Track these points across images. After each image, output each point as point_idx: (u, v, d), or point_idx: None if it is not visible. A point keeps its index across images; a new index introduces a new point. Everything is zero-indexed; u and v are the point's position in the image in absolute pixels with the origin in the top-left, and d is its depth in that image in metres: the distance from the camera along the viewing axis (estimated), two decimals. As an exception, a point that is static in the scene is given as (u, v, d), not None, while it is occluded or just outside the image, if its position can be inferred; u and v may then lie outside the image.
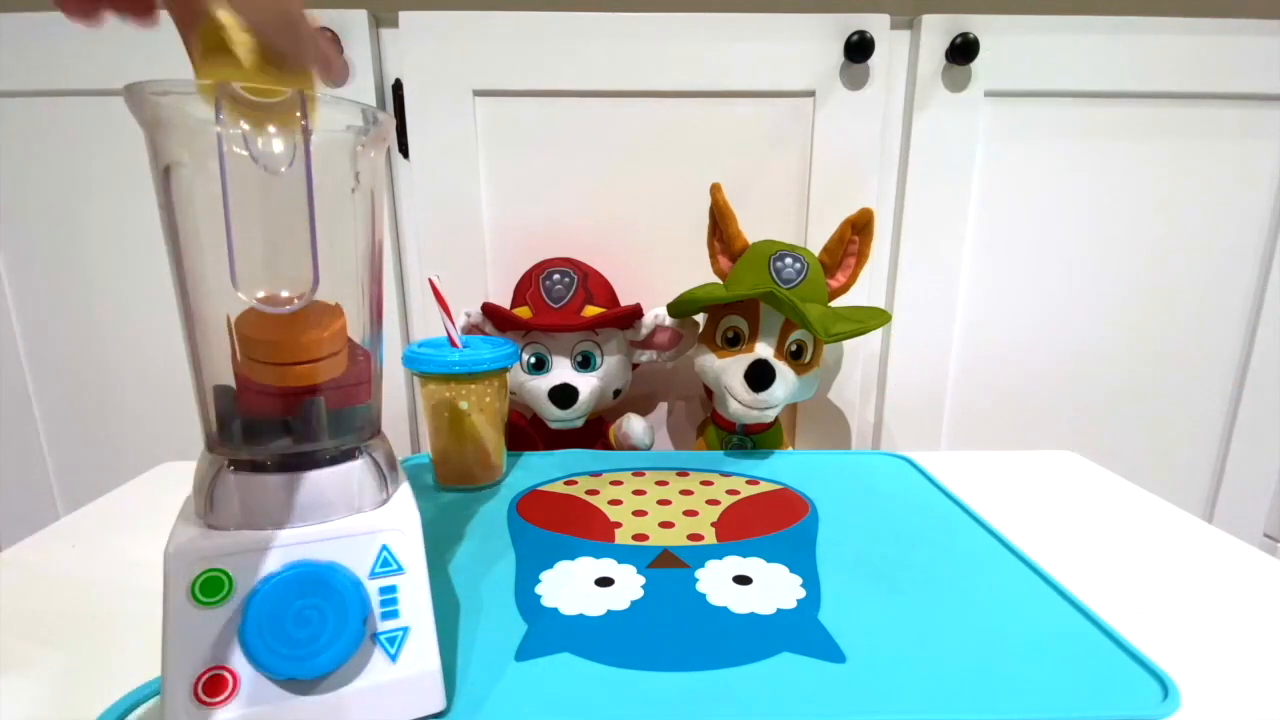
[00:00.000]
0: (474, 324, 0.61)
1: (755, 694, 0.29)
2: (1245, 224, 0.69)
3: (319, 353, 0.26)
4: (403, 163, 0.66)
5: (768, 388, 0.54)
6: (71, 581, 0.38)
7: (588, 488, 0.52)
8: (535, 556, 0.41)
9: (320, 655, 0.25)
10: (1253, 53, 0.65)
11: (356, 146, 0.28)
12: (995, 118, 0.66)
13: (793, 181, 0.67)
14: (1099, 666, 0.31)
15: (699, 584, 0.38)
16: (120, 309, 0.69)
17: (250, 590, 0.25)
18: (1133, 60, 0.65)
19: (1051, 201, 0.69)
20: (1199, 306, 0.71)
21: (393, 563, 0.27)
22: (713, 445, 0.62)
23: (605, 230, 0.68)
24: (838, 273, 0.60)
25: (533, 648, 0.32)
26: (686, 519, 0.46)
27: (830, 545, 0.43)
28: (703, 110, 0.65)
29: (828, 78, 0.64)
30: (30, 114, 0.64)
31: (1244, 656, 0.32)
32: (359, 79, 0.63)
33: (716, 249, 0.62)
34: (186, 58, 0.24)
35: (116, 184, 0.66)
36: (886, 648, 0.32)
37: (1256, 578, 0.40)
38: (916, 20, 0.64)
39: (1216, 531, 0.46)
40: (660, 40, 0.63)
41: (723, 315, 0.59)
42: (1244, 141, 0.67)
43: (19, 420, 0.72)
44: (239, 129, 0.24)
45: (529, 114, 0.65)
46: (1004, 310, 0.71)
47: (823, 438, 0.74)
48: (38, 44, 0.62)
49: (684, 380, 0.73)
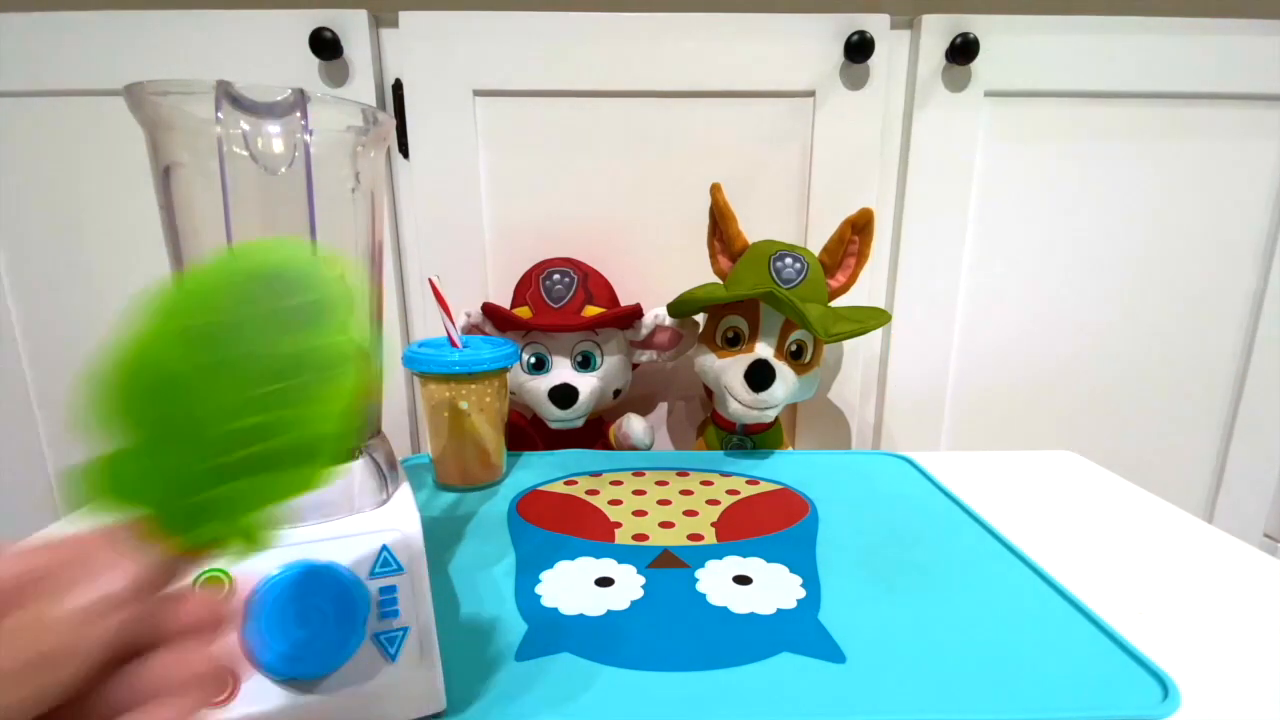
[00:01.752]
0: (474, 324, 0.61)
1: (755, 694, 0.29)
2: (1245, 224, 0.69)
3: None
4: (403, 163, 0.66)
5: (768, 388, 0.54)
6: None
7: (588, 488, 0.52)
8: (535, 556, 0.41)
9: (320, 655, 0.25)
10: (1253, 53, 0.65)
11: (356, 146, 0.28)
12: (995, 118, 0.66)
13: (793, 182, 0.67)
14: (1099, 666, 0.31)
15: (699, 584, 0.38)
16: (120, 309, 0.69)
17: (250, 590, 0.25)
18: (1133, 60, 0.65)
19: (1051, 201, 0.69)
20: (1199, 306, 0.71)
21: (393, 563, 0.27)
22: (713, 445, 0.62)
23: (605, 230, 0.68)
24: (838, 273, 0.60)
25: (533, 648, 0.32)
26: (686, 519, 0.46)
27: (830, 545, 0.43)
28: (703, 110, 0.65)
29: (828, 78, 0.64)
30: (30, 114, 0.64)
31: (1244, 656, 0.32)
32: (359, 79, 0.63)
33: (716, 249, 0.62)
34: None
35: (116, 184, 0.66)
36: (886, 648, 0.32)
37: (1256, 578, 0.40)
38: (916, 20, 0.64)
39: (1216, 531, 0.46)
40: (660, 40, 0.63)
41: (723, 315, 0.59)
42: (1244, 141, 0.67)
43: (19, 420, 0.72)
44: (239, 129, 0.24)
45: (529, 114, 0.65)
46: (1004, 310, 0.71)
47: (823, 438, 0.74)
48: (38, 44, 0.62)
49: (684, 380, 0.73)
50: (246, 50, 0.62)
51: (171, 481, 0.19)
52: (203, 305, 0.19)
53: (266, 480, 0.20)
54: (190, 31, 0.61)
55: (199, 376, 0.19)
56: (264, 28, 0.61)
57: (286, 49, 0.62)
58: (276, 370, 0.19)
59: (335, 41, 0.61)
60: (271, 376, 0.19)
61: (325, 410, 0.20)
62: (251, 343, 0.19)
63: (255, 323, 0.19)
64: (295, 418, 0.19)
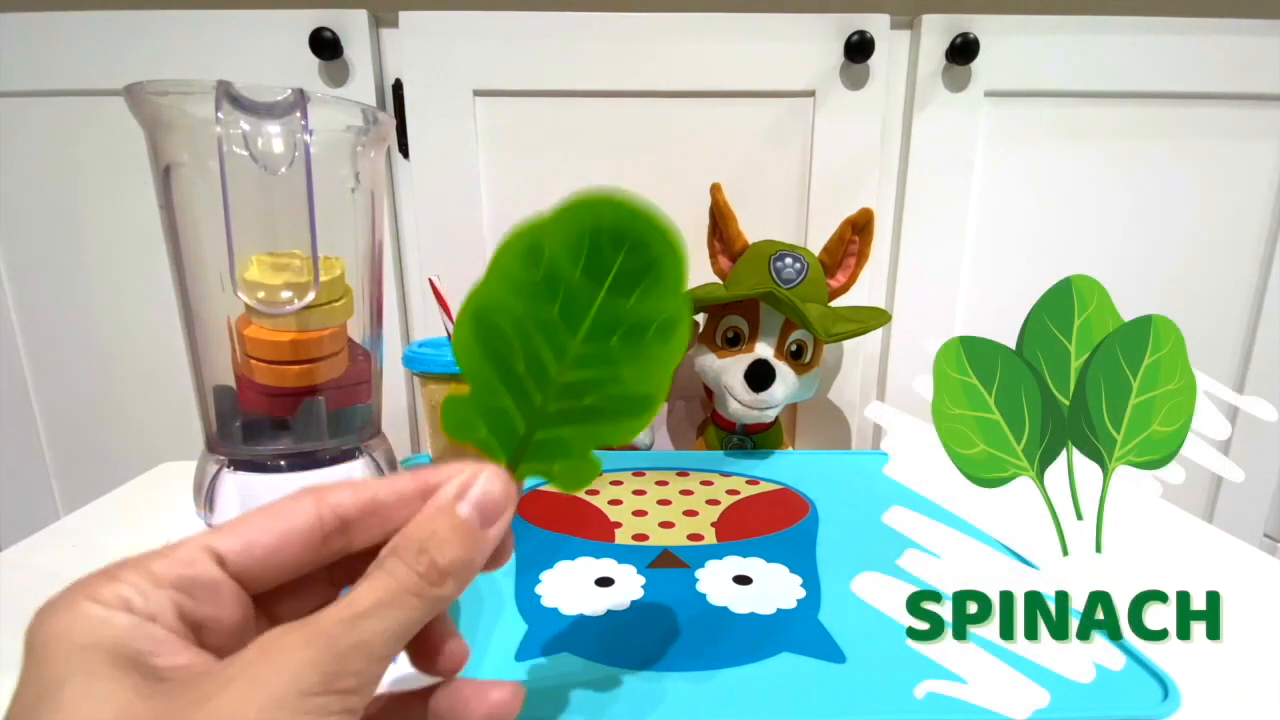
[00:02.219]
0: (474, 324, 0.61)
1: (755, 694, 0.29)
2: (1245, 224, 0.69)
3: (319, 353, 0.26)
4: (403, 163, 0.66)
5: (768, 388, 0.54)
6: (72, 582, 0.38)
7: (588, 488, 0.52)
8: (535, 556, 0.41)
9: (320, 655, 0.25)
10: (1253, 53, 0.64)
11: (356, 146, 0.28)
12: (995, 118, 0.66)
13: (793, 181, 0.67)
14: (1099, 666, 0.31)
15: (699, 584, 0.38)
16: (120, 309, 0.69)
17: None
18: (1133, 60, 0.65)
19: (1051, 201, 0.69)
20: (1199, 306, 0.71)
21: (393, 563, 0.27)
22: (713, 445, 0.62)
23: (605, 230, 0.68)
24: (838, 273, 0.60)
25: (533, 648, 0.32)
26: (686, 519, 0.46)
27: (830, 545, 0.43)
28: (703, 110, 0.65)
29: (828, 78, 0.64)
30: (30, 114, 0.64)
31: (1244, 656, 0.32)
32: (359, 79, 0.63)
33: (716, 249, 0.62)
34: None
35: (116, 184, 0.66)
36: (886, 648, 0.32)
37: (1256, 578, 0.40)
38: (916, 20, 0.64)
39: (1216, 531, 0.46)
40: (660, 40, 0.63)
41: (723, 315, 0.59)
42: (1244, 141, 0.67)
43: (19, 420, 0.72)
44: (239, 129, 0.24)
45: (529, 114, 0.65)
46: (1004, 310, 0.71)
47: (823, 438, 0.74)
48: (38, 44, 0.62)
49: (684, 380, 0.73)
50: (246, 50, 0.62)
51: (507, 423, 0.21)
52: (540, 260, 0.20)
53: (590, 430, 0.21)
54: (190, 31, 0.61)
55: (535, 329, 0.20)
56: (264, 28, 0.61)
57: (286, 49, 0.62)
58: (609, 328, 0.20)
59: (335, 41, 0.61)
60: (604, 333, 0.20)
61: (652, 371, 0.20)
62: (586, 300, 0.19)
63: (592, 281, 0.19)
64: (623, 376, 0.20)
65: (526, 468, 0.21)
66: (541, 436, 0.21)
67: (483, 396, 0.20)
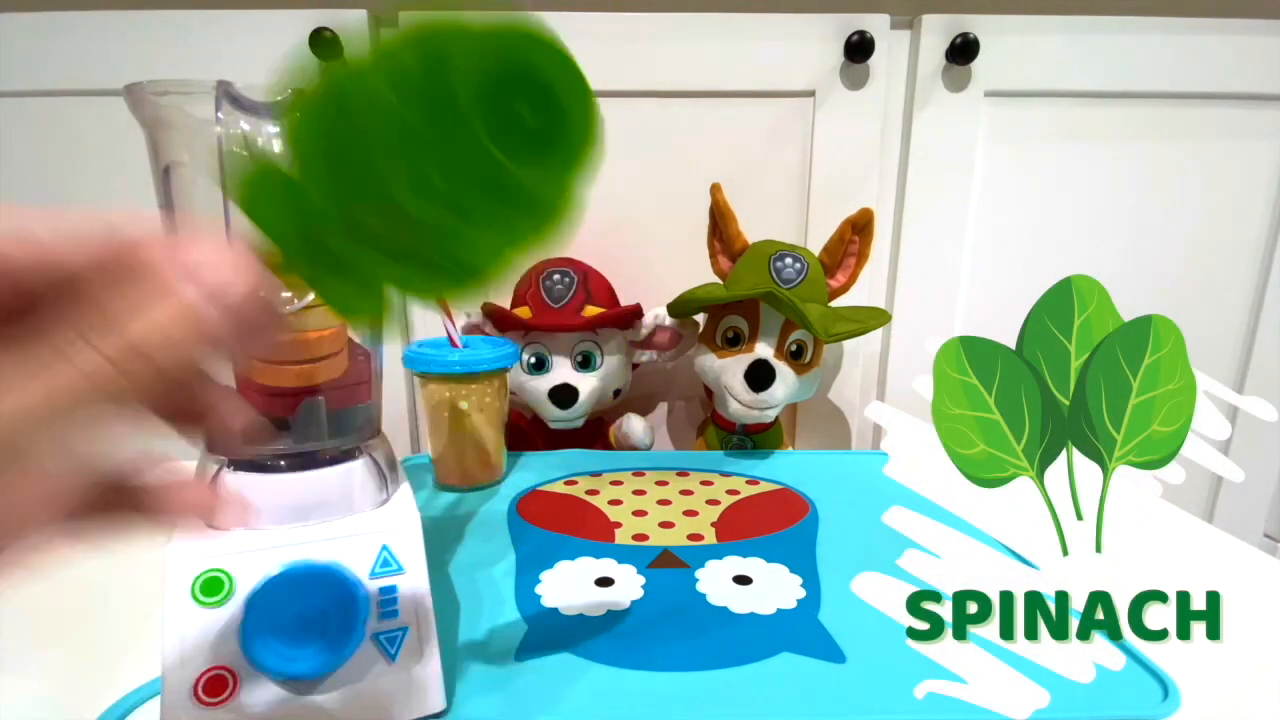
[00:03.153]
0: (474, 324, 0.61)
1: (755, 694, 0.29)
2: (1245, 224, 0.69)
3: (319, 353, 0.26)
4: (403, 163, 0.66)
5: (768, 388, 0.54)
6: (71, 581, 0.38)
7: (588, 488, 0.52)
8: (535, 556, 0.41)
9: (320, 655, 0.25)
10: (1253, 53, 0.64)
11: (356, 146, 0.28)
12: (995, 118, 0.66)
13: (793, 181, 0.67)
14: (1099, 666, 0.31)
15: (699, 584, 0.38)
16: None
17: (250, 590, 0.25)
18: (1132, 60, 0.65)
19: (1051, 201, 0.69)
20: (1199, 306, 0.71)
21: (393, 563, 0.27)
22: (713, 445, 0.62)
23: (605, 230, 0.68)
24: (838, 273, 0.60)
25: (533, 648, 0.32)
26: (686, 519, 0.46)
27: (830, 545, 0.43)
28: (703, 110, 0.65)
29: (828, 78, 0.64)
30: (30, 114, 0.64)
31: (1244, 656, 0.32)
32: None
33: (716, 249, 0.62)
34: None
35: (116, 184, 0.66)
36: (886, 648, 0.32)
37: (1256, 578, 0.40)
38: (916, 20, 0.64)
39: (1216, 531, 0.46)
40: (660, 40, 0.63)
41: (723, 315, 0.59)
42: (1244, 141, 0.67)
43: (19, 420, 0.72)
44: (239, 129, 0.24)
45: (529, 114, 0.65)
46: (1004, 310, 0.71)
47: (823, 438, 0.74)
48: (38, 44, 0.62)
49: (684, 380, 0.73)
50: (246, 50, 0.62)
51: (313, 220, 0.17)
52: (441, 70, 0.16)
53: (395, 269, 0.17)
54: (190, 31, 0.61)
55: (397, 136, 0.16)
56: (264, 28, 0.61)
57: (286, 49, 0.62)
58: (479, 178, 0.17)
59: (335, 41, 0.61)
60: (470, 180, 0.17)
61: (499, 248, 0.18)
62: (469, 137, 0.16)
63: (485, 122, 0.16)
64: (465, 235, 0.17)
65: (301, 269, 0.17)
66: (338, 248, 0.17)
67: (302, 175, 0.17)
